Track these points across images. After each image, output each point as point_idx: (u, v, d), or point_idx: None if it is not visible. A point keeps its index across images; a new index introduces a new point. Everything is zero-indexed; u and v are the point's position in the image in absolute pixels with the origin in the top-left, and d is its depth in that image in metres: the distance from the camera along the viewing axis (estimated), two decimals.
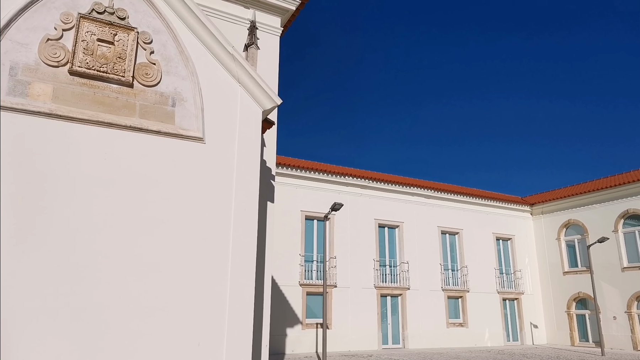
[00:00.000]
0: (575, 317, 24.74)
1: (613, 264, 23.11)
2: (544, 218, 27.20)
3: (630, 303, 22.19)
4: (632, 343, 21.82)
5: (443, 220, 24.78)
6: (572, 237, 25.68)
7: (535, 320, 25.85)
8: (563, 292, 25.24)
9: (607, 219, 23.71)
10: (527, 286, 26.27)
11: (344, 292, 20.95)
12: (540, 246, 27.06)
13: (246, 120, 6.91)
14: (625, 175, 25.24)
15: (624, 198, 23.13)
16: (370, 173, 25.00)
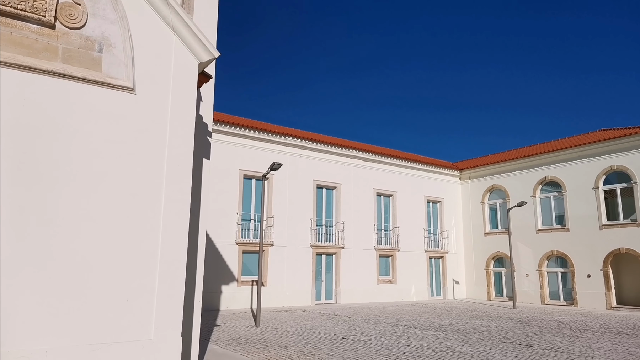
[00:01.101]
0: (492, 274, 26.93)
1: (529, 226, 25.16)
2: (471, 183, 28.86)
3: (542, 262, 24.43)
4: (540, 297, 24.20)
5: (379, 182, 25.57)
6: (494, 201, 27.56)
7: (457, 277, 27.87)
8: (483, 252, 27.28)
9: (527, 184, 25.60)
10: (452, 246, 28.08)
11: (281, 250, 21.28)
12: (466, 209, 28.83)
13: (181, 72, 6.60)
14: (544, 145, 27.20)
15: (543, 166, 25.00)
16: (309, 134, 25.06)
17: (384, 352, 10.15)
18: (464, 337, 12.48)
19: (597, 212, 22.38)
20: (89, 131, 5.80)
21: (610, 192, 22.52)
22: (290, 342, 11.30)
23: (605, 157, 22.36)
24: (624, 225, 21.45)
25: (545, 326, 15.03)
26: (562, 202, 24.09)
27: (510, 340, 12.04)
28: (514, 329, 14.33)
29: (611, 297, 21.53)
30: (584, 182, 23.10)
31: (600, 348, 10.93)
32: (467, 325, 15.12)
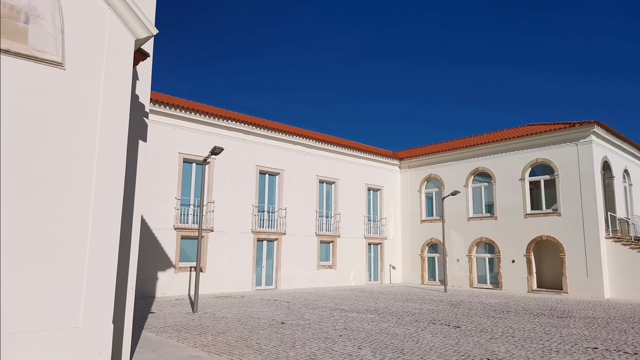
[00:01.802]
0: (427, 259, 28.18)
1: (461, 214, 26.51)
2: (409, 172, 29.86)
3: (471, 248, 25.87)
4: (469, 281, 25.66)
5: (322, 169, 25.80)
6: (431, 190, 28.74)
7: (394, 263, 28.90)
8: (419, 238, 28.44)
9: (461, 175, 26.89)
10: (390, 232, 29.01)
11: (221, 236, 21.00)
12: (404, 197, 29.83)
13: (115, 49, 6.27)
14: (477, 137, 28.63)
15: (475, 157, 26.34)
16: (253, 119, 24.75)
17: (321, 335, 10.38)
18: (398, 319, 13.03)
19: (523, 202, 23.97)
20: (13, 108, 5.40)
21: (535, 184, 24.17)
22: (228, 327, 11.26)
23: (532, 151, 23.93)
24: (546, 214, 23.14)
25: (472, 308, 16.00)
26: (491, 192, 25.55)
27: (440, 321, 12.71)
28: (444, 311, 15.13)
29: (532, 281, 23.25)
30: (511, 174, 24.61)
31: (520, 328, 11.82)
32: (401, 308, 15.77)
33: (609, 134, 23.02)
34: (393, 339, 9.99)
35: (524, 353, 8.75)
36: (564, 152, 22.69)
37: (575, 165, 22.23)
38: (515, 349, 9.10)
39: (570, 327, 12.04)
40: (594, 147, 21.92)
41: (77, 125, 5.84)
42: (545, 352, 8.84)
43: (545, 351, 8.95)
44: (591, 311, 15.57)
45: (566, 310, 15.64)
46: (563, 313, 14.94)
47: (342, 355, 8.38)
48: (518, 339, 10.19)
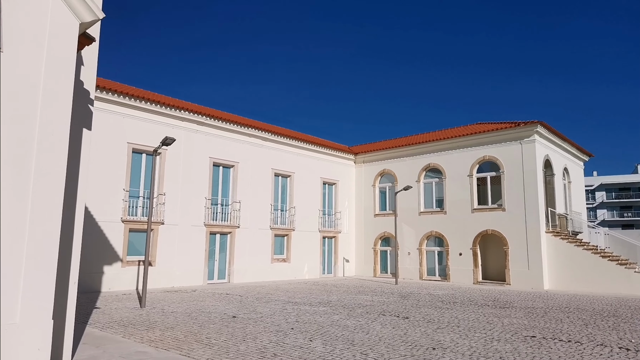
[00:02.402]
0: (379, 252, 28.76)
1: (413, 208, 27.21)
2: (364, 167, 30.29)
3: (422, 241, 26.63)
4: (419, 273, 26.42)
5: (277, 163, 25.68)
6: (384, 185, 29.30)
7: (348, 256, 29.30)
8: (372, 232, 28.97)
9: (413, 170, 27.58)
10: (344, 226, 29.35)
11: (172, 229, 20.49)
12: (359, 191, 30.26)
13: (58, 32, 5.93)
14: (429, 134, 29.42)
15: (427, 153, 27.08)
16: (207, 109, 24.23)
17: (273, 328, 10.39)
18: (349, 311, 13.24)
19: (470, 197, 24.92)
20: None
21: (482, 180, 25.16)
22: (177, 322, 11.03)
23: (479, 148, 24.88)
24: (492, 209, 24.17)
25: (421, 300, 16.51)
26: (442, 187, 26.37)
27: (390, 313, 13.03)
28: (394, 302, 15.52)
29: (478, 273, 24.27)
30: (460, 170, 25.50)
31: (465, 318, 12.32)
32: (353, 300, 16.03)
33: (550, 133, 24.29)
34: (344, 331, 10.14)
35: (468, 342, 9.13)
36: (509, 150, 23.75)
37: (519, 163, 23.32)
38: (459, 338, 9.48)
39: (511, 316, 12.68)
40: (537, 146, 23.07)
41: (15, 112, 5.49)
42: (487, 341, 9.26)
43: (487, 340, 9.39)
44: (531, 301, 16.46)
45: (508, 301, 16.45)
46: (505, 303, 15.70)
47: (293, 348, 8.42)
48: (463, 329, 10.62)
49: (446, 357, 7.89)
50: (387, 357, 7.84)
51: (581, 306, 15.23)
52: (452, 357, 7.84)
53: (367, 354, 8.06)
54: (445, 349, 8.52)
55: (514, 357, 7.93)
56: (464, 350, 8.37)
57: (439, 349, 8.45)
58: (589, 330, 10.69)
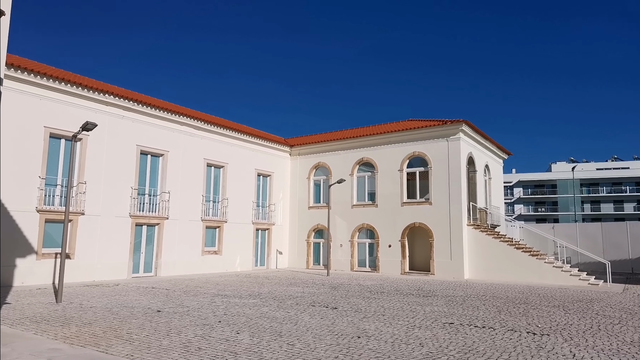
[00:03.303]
0: (312, 245, 29.04)
1: (346, 201, 27.71)
2: (299, 159, 30.37)
3: (354, 233, 27.22)
4: (350, 265, 27.01)
5: (210, 152, 25.03)
6: (319, 178, 29.57)
7: (281, 248, 29.30)
8: (306, 224, 29.17)
9: (347, 164, 28.06)
10: (278, 218, 29.29)
11: (94, 220, 19.35)
12: (293, 184, 30.30)
13: None
14: (363, 129, 30.05)
15: (360, 148, 27.67)
16: (135, 94, 23.06)
17: (200, 322, 10.15)
18: (279, 303, 13.25)
19: (400, 191, 25.81)
20: None
21: (411, 175, 26.13)
22: (96, 318, 10.46)
23: (410, 144, 25.80)
24: (420, 203, 25.20)
25: (350, 290, 16.89)
26: (374, 181, 27.08)
27: (319, 304, 13.21)
28: (324, 294, 15.75)
29: (405, 264, 25.25)
30: (392, 165, 26.32)
31: (390, 307, 12.77)
32: (284, 292, 16.06)
33: (474, 132, 25.71)
34: (272, 323, 10.13)
35: (391, 330, 9.47)
36: (437, 147, 24.85)
37: (445, 159, 24.48)
38: (383, 326, 9.81)
39: (433, 305, 13.33)
40: (461, 143, 24.33)
41: None
42: (409, 328, 9.66)
43: (409, 327, 9.79)
44: (452, 290, 17.40)
45: (431, 290, 17.27)
46: (428, 292, 16.47)
47: (219, 341, 8.29)
48: (387, 317, 11.00)
49: (370, 344, 8.13)
50: (313, 346, 7.93)
51: (496, 294, 16.33)
52: (375, 345, 8.10)
53: (293, 344, 8.11)
54: (369, 336, 8.77)
55: (433, 343, 8.34)
56: (387, 338, 8.67)
57: (364, 337, 8.69)
58: (501, 316, 11.48)
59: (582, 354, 7.63)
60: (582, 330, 9.74)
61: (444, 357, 7.34)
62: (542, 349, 7.91)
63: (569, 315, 11.75)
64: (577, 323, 10.56)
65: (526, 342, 8.50)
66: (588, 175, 74.23)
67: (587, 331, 9.60)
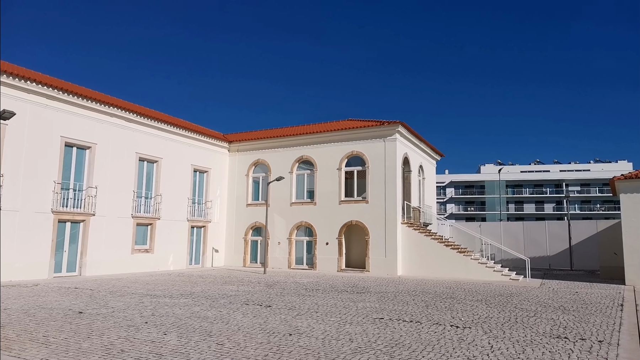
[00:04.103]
0: (250, 242, 28.71)
1: (285, 199, 27.65)
2: (238, 155, 29.89)
3: (292, 231, 27.22)
4: (288, 263, 26.99)
5: (142, 146, 24.00)
6: (258, 175, 29.28)
7: (217, 246, 28.71)
8: (244, 222, 28.79)
9: (287, 161, 28.00)
10: (215, 215, 28.67)
11: (10, 216, 17.92)
12: (232, 180, 29.78)
13: None
14: (303, 127, 30.15)
15: (300, 146, 27.71)
16: (60, 82, 21.61)
17: (125, 323, 9.70)
18: (212, 302, 12.97)
19: (338, 190, 26.16)
20: None
21: (350, 173, 26.57)
22: (9, 320, 9.68)
23: (348, 144, 26.21)
24: (357, 201, 25.68)
25: (286, 288, 16.88)
26: (313, 179, 27.23)
27: (253, 302, 13.07)
28: (259, 292, 15.62)
29: (341, 261, 25.63)
30: (331, 163, 26.60)
31: (324, 304, 12.90)
32: (218, 291, 15.74)
33: (410, 133, 26.59)
34: (203, 322, 9.89)
35: (323, 326, 9.56)
36: (374, 147, 25.43)
37: (382, 159, 25.11)
38: (316, 323, 9.88)
39: (365, 301, 13.63)
40: (397, 144, 25.07)
41: None
42: (341, 324, 9.81)
43: (341, 323, 9.94)
44: (384, 286, 17.89)
45: (365, 287, 17.66)
46: (362, 289, 16.83)
47: (144, 343, 7.96)
48: (320, 314, 11.11)
49: (301, 341, 8.15)
50: (243, 345, 7.83)
51: (426, 289, 16.99)
52: (306, 341, 8.14)
53: (223, 343, 7.96)
54: (301, 334, 8.80)
55: (362, 338, 8.52)
56: (318, 335, 8.74)
57: (295, 335, 8.70)
58: (429, 311, 11.96)
59: (499, 345, 8.11)
60: (501, 322, 10.36)
61: (372, 351, 7.52)
62: (464, 341, 8.33)
63: (490, 308, 12.47)
64: (497, 316, 11.22)
65: (449, 335, 8.91)
66: (513, 177, 79.30)
67: (506, 323, 10.23)
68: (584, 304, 13.60)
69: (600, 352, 7.61)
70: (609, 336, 8.94)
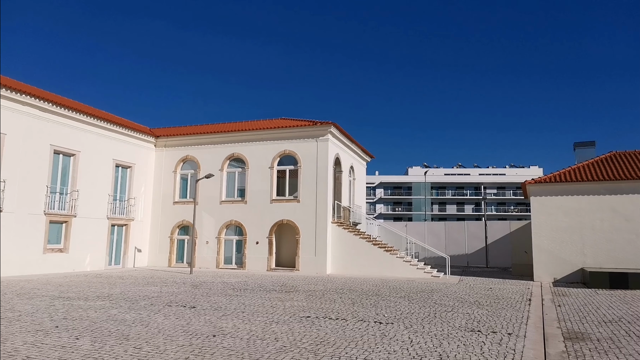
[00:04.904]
0: (176, 241, 27.69)
1: (215, 197, 26.98)
2: (166, 151, 28.71)
3: (221, 230, 26.62)
4: (216, 262, 26.36)
5: (58, 138, 22.31)
6: (186, 172, 28.32)
7: (141, 245, 27.38)
8: (170, 220, 27.70)
9: (217, 158, 27.33)
10: (138, 213, 27.31)
11: None
12: (157, 177, 28.54)
13: None
14: (235, 124, 29.66)
15: (232, 143, 27.19)
16: None
17: (32, 327, 8.93)
18: (131, 304, 12.32)
19: (270, 188, 25.98)
20: None
21: (282, 172, 26.49)
22: None
23: (281, 142, 26.13)
24: (289, 200, 25.66)
25: (213, 288, 16.45)
26: (244, 177, 26.82)
27: (177, 303, 12.60)
28: (184, 293, 15.09)
29: (272, 261, 25.48)
30: (263, 162, 26.36)
31: (252, 304, 12.72)
32: (138, 292, 15.00)
33: (341, 134, 27.02)
34: (120, 325, 9.36)
35: (249, 326, 9.42)
36: (307, 146, 25.56)
37: (314, 159, 25.30)
38: (242, 324, 9.71)
39: (293, 300, 13.63)
40: (329, 144, 25.38)
41: None
42: (267, 324, 9.71)
43: (267, 323, 9.85)
44: (313, 285, 18.02)
45: (294, 285, 17.68)
46: (291, 288, 16.83)
47: (53, 348, 7.37)
48: (247, 314, 10.93)
49: (225, 342, 7.96)
50: (162, 349, 7.50)
51: (353, 287, 17.34)
52: (230, 342, 7.96)
53: (141, 347, 7.57)
54: (225, 335, 8.60)
55: (287, 336, 8.50)
56: (243, 335, 8.59)
57: (220, 336, 8.49)
58: (354, 308, 12.20)
59: (418, 339, 8.45)
60: (422, 317, 10.81)
61: (297, 350, 7.51)
62: (386, 337, 8.57)
63: (412, 304, 12.97)
64: (418, 312, 11.70)
65: (373, 331, 9.14)
66: (437, 180, 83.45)
67: (425, 318, 10.68)
68: (496, 299, 14.56)
69: (509, 344, 8.17)
70: (517, 329, 9.63)
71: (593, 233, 20.89)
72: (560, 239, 21.30)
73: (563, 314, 11.67)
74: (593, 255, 20.75)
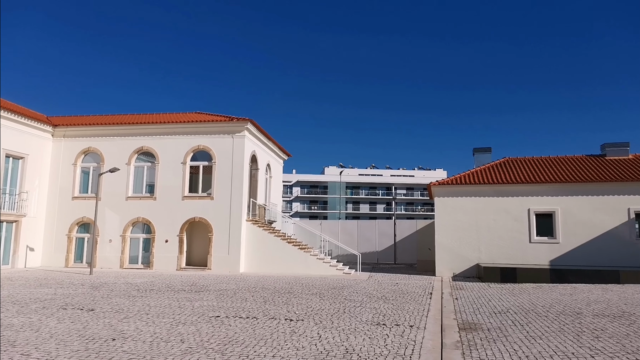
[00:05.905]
0: (75, 240, 25.61)
1: (120, 193, 25.36)
2: (65, 141, 26.42)
3: (127, 228, 25.10)
4: (120, 262, 24.79)
5: None
6: (88, 165, 26.29)
7: (33, 244, 24.93)
8: (68, 216, 25.54)
9: (124, 152, 25.70)
10: (31, 209, 24.85)
11: None
12: (54, 169, 26.17)
13: None
14: (144, 116, 28.10)
15: (140, 136, 25.71)
16: None
17: None
18: (20, 307, 11.19)
19: (182, 184, 25.00)
20: None
21: (195, 168, 25.60)
22: None
23: (195, 137, 25.25)
24: (202, 197, 24.88)
25: (115, 289, 15.46)
26: (154, 172, 25.52)
27: (73, 306, 11.66)
28: (82, 294, 14.01)
29: (182, 260, 24.54)
30: (175, 157, 25.28)
31: (157, 305, 12.14)
32: (29, 295, 13.66)
33: (258, 131, 26.78)
34: (6, 331, 8.45)
35: (152, 329, 8.98)
36: (222, 142, 24.97)
37: (229, 156, 24.79)
38: (145, 326, 9.23)
39: (203, 299, 13.24)
40: (246, 141, 25.03)
41: None
42: (173, 325, 9.33)
43: (173, 324, 9.46)
44: (225, 284, 17.66)
45: (205, 285, 17.19)
46: (201, 287, 16.34)
47: None
48: (151, 316, 10.42)
49: (125, 346, 7.51)
50: (54, 354, 6.89)
51: (266, 285, 17.27)
52: (132, 346, 7.53)
53: (29, 354, 6.90)
54: (126, 338, 8.12)
55: (194, 337, 8.23)
56: (146, 337, 8.17)
57: (120, 339, 7.99)
58: (266, 306, 12.15)
59: (326, 334, 8.63)
60: (331, 313, 11.06)
61: (203, 350, 7.31)
62: (295, 334, 8.65)
63: (323, 301, 13.23)
64: (329, 308, 11.95)
65: (283, 328, 9.17)
66: (352, 180, 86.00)
67: (335, 314, 10.95)
68: (402, 293, 15.34)
69: (410, 336, 8.64)
70: (419, 321, 10.23)
71: (488, 232, 22.83)
72: (459, 237, 23.00)
73: (459, 307, 12.60)
74: (487, 252, 22.68)
